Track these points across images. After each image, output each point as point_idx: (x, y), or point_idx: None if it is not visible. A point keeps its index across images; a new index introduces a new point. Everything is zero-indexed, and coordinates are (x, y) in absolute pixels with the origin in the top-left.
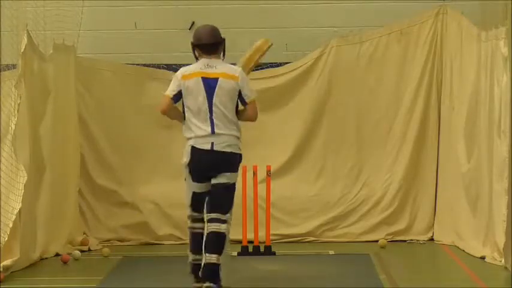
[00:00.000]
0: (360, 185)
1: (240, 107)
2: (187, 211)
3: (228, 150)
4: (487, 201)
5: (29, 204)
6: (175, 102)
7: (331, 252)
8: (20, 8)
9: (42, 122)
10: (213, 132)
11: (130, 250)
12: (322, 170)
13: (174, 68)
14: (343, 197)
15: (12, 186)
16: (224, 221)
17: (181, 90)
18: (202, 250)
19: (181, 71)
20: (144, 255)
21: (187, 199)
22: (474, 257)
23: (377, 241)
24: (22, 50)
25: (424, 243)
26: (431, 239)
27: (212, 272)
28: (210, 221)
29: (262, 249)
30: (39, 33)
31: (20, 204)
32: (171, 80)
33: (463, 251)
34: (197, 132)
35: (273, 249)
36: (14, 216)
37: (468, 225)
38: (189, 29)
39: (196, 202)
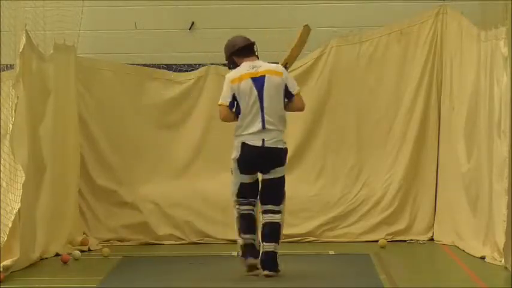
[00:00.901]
0: (360, 185)
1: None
2: (233, 198)
3: (278, 145)
4: (487, 201)
5: (29, 204)
6: (232, 108)
7: (331, 252)
8: (18, 7)
9: (43, 122)
10: (263, 128)
11: (130, 250)
12: (322, 170)
13: (174, 68)
14: (343, 197)
15: (10, 186)
16: (278, 212)
17: (234, 94)
18: (252, 230)
19: (230, 76)
20: (144, 255)
21: (233, 189)
22: (474, 257)
23: (377, 241)
24: (20, 50)
25: (424, 243)
26: (431, 239)
27: (271, 260)
28: (265, 212)
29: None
30: (39, 33)
31: (19, 204)
32: (170, 80)
33: (463, 251)
34: (249, 130)
35: None
36: (13, 216)
37: (468, 225)
38: (189, 29)
39: (243, 190)
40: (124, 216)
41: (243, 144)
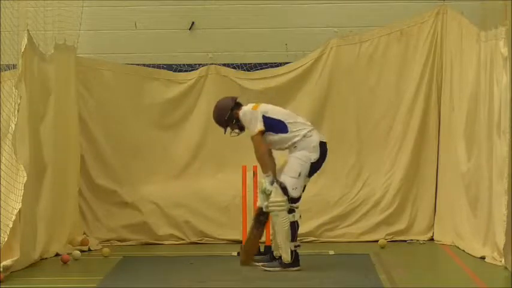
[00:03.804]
0: (360, 185)
1: None
2: (287, 204)
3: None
4: (487, 201)
5: (30, 204)
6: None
7: (331, 252)
8: (20, 8)
9: (43, 122)
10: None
11: (130, 250)
12: (322, 170)
13: (174, 68)
14: (343, 197)
15: (12, 187)
16: None
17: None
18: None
19: (248, 110)
20: (144, 255)
21: (297, 193)
22: (474, 257)
23: (377, 241)
24: (22, 50)
25: (424, 243)
26: (431, 239)
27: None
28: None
29: (262, 249)
30: (40, 33)
31: (20, 204)
32: (170, 80)
33: (463, 251)
34: (309, 126)
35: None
36: (14, 217)
37: (468, 225)
38: (189, 29)
39: (301, 195)
40: (124, 216)
41: (321, 144)
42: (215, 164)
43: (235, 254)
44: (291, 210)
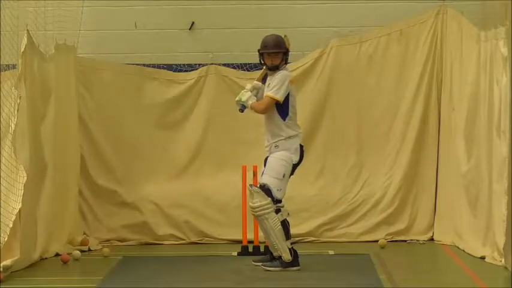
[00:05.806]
0: (360, 185)
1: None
2: (274, 205)
3: None
4: (487, 201)
5: (30, 204)
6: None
7: (331, 252)
8: (20, 8)
9: (44, 122)
10: None
11: (130, 250)
12: (322, 170)
13: (174, 68)
14: (343, 197)
15: (12, 186)
16: None
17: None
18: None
19: (289, 75)
20: (144, 255)
21: (280, 195)
22: (474, 257)
23: (377, 241)
24: (22, 50)
25: (424, 243)
26: (431, 239)
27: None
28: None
29: (262, 249)
30: (40, 33)
31: (20, 204)
32: (170, 80)
33: (463, 251)
34: (300, 129)
35: None
36: (14, 216)
37: (468, 225)
38: (189, 29)
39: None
40: (124, 216)
41: (301, 147)
42: (215, 164)
43: (235, 254)
44: (277, 211)
